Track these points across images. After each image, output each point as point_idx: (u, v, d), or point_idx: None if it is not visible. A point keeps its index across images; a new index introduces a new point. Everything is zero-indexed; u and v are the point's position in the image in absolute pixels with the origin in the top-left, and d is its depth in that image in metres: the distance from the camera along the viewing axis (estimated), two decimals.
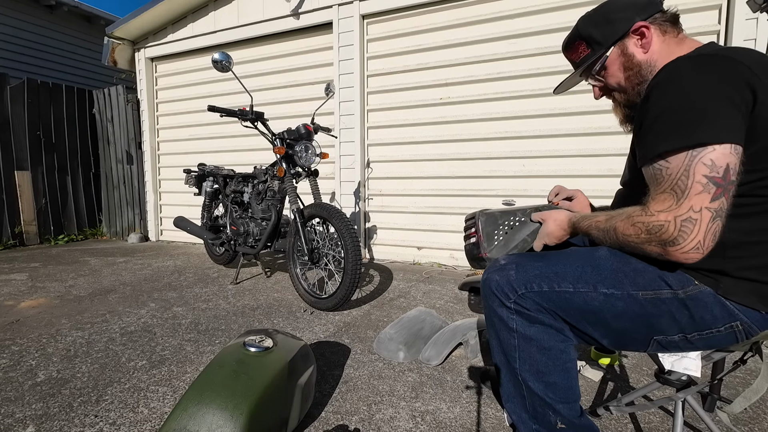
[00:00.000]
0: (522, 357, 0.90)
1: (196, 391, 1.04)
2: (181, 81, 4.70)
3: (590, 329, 0.87)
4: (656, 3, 0.94)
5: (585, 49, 0.99)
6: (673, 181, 0.72)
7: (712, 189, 0.68)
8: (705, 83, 0.72)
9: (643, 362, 1.66)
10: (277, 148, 2.42)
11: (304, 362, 1.26)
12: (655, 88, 0.79)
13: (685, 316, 0.80)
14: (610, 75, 0.98)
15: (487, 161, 3.27)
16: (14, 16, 6.10)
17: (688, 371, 0.87)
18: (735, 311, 0.78)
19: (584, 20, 0.99)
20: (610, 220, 0.84)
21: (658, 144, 0.74)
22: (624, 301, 0.82)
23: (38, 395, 1.41)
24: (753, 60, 0.74)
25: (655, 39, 0.91)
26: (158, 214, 5.00)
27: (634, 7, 0.93)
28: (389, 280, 2.95)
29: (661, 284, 0.81)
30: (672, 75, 0.77)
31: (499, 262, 0.94)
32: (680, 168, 0.71)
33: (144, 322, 2.12)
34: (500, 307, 0.91)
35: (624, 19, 0.92)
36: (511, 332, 0.91)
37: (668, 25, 0.92)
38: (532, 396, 0.90)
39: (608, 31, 0.94)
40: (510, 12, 3.09)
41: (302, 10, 3.75)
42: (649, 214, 0.74)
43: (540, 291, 0.87)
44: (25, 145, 4.61)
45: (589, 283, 0.85)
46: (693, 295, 0.79)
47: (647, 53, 0.92)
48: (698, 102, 0.71)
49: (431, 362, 1.64)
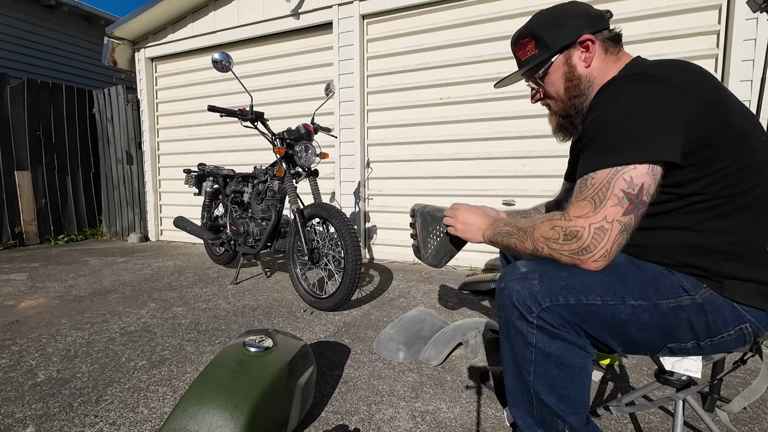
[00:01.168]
0: (537, 372, 0.85)
1: (196, 391, 1.04)
2: (181, 81, 4.70)
3: (610, 340, 0.83)
4: (605, 19, 0.96)
5: (533, 48, 0.99)
6: (595, 190, 0.78)
7: (625, 203, 0.75)
8: (637, 104, 0.78)
9: (643, 362, 1.66)
10: (277, 148, 2.42)
11: (304, 362, 1.26)
12: (594, 106, 0.85)
13: (702, 323, 0.80)
14: (550, 82, 1.00)
15: (487, 161, 3.27)
16: (14, 16, 6.10)
17: (688, 372, 0.87)
18: (743, 312, 0.79)
19: (538, 18, 1.00)
20: (531, 222, 0.87)
21: (592, 161, 0.80)
22: (650, 312, 0.80)
23: (38, 395, 1.41)
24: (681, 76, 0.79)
25: (597, 55, 0.95)
26: (158, 214, 5.00)
27: (585, 17, 0.95)
28: (389, 280, 2.95)
29: (680, 290, 0.80)
30: (609, 95, 0.83)
31: (519, 269, 0.86)
32: (604, 180, 0.77)
33: (144, 322, 2.12)
34: (520, 320, 0.83)
35: (575, 27, 0.94)
36: (528, 346, 0.84)
37: (610, 44, 0.95)
38: (542, 406, 0.87)
39: (558, 35, 0.95)
40: (510, 12, 3.09)
41: (302, 10, 3.76)
42: (567, 219, 0.80)
43: (566, 304, 0.80)
44: (25, 145, 4.61)
45: (617, 295, 0.80)
46: (707, 298, 0.80)
47: (588, 68, 0.95)
48: (629, 122, 0.77)
49: (431, 362, 1.64)
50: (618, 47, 0.96)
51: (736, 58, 2.53)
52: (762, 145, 0.82)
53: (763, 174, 0.79)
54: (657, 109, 0.77)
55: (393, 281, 2.93)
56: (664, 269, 0.83)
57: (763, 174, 0.79)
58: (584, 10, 0.97)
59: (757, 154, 0.80)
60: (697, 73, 0.82)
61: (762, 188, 0.79)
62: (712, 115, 0.77)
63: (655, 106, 0.77)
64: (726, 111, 0.79)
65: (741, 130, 0.79)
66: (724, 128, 0.78)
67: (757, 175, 0.79)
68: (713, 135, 0.77)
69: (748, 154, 0.79)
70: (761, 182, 0.79)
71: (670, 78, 0.79)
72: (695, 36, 2.67)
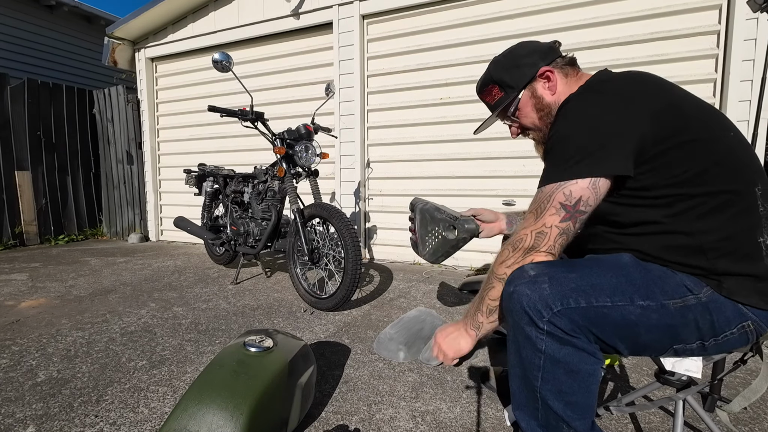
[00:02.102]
0: (545, 378, 0.83)
1: (197, 391, 1.04)
2: (181, 81, 4.70)
3: (619, 343, 0.83)
4: (555, 50, 1.05)
5: (498, 92, 1.07)
6: (539, 203, 0.85)
7: (562, 213, 0.82)
8: (583, 120, 0.85)
9: (643, 362, 1.66)
10: (277, 148, 2.42)
11: (304, 362, 1.26)
12: (555, 119, 0.93)
13: (707, 322, 0.80)
14: (524, 116, 1.07)
15: (487, 161, 3.27)
16: (14, 16, 6.10)
17: (688, 372, 0.87)
18: (744, 310, 0.79)
19: (495, 65, 1.08)
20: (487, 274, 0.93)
21: (543, 176, 0.88)
22: (658, 312, 0.79)
23: (38, 395, 1.41)
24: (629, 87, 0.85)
25: (560, 81, 1.01)
26: (158, 214, 5.00)
27: (538, 53, 1.03)
28: (389, 280, 2.95)
29: (684, 290, 0.81)
30: (563, 112, 0.90)
31: (527, 272, 0.84)
32: (547, 194, 0.84)
33: (144, 322, 2.12)
34: (529, 326, 0.81)
35: (531, 64, 1.02)
36: (537, 353, 0.82)
37: (568, 68, 1.03)
38: (547, 411, 0.85)
39: (517, 75, 1.03)
40: (510, 12, 3.09)
41: (302, 10, 3.76)
42: (514, 234, 0.89)
43: (577, 307, 0.79)
44: (25, 145, 4.61)
45: (626, 296, 0.80)
46: (710, 297, 0.80)
47: (555, 95, 1.01)
48: (574, 139, 0.84)
49: (431, 362, 1.64)
50: (576, 69, 1.04)
51: (736, 58, 2.53)
52: (732, 141, 0.84)
53: (738, 170, 0.82)
54: (602, 123, 0.82)
55: (393, 281, 2.93)
56: (668, 269, 0.84)
57: (738, 170, 0.82)
58: (535, 47, 1.05)
59: (730, 151, 0.82)
60: (648, 82, 0.87)
61: (741, 183, 0.81)
62: (668, 120, 0.81)
63: (601, 121, 0.83)
64: (684, 114, 0.83)
65: (703, 130, 0.82)
66: (682, 131, 0.81)
67: (734, 171, 0.81)
68: (671, 138, 0.80)
69: (717, 151, 0.81)
70: (739, 177, 0.81)
71: (617, 91, 0.85)
72: (695, 36, 2.67)
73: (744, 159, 0.83)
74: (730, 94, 2.57)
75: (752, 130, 1.70)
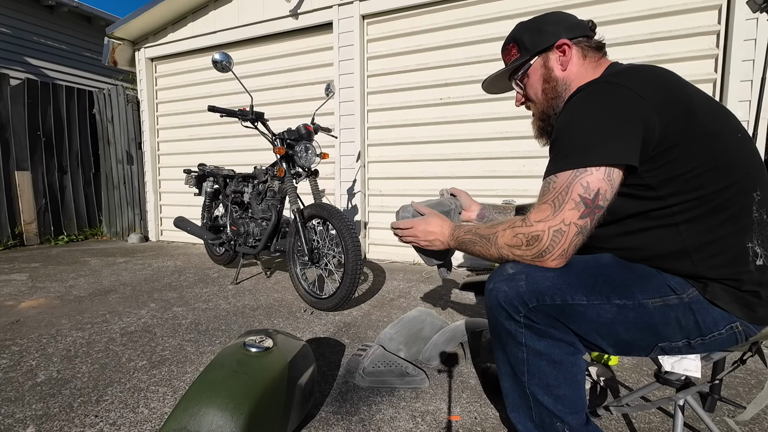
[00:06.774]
0: (531, 371, 0.86)
1: (197, 391, 1.04)
2: (181, 81, 4.70)
3: (599, 340, 0.85)
4: (585, 27, 1.01)
5: (516, 52, 1.06)
6: (556, 194, 0.81)
7: (581, 207, 0.79)
8: (595, 110, 0.82)
9: (643, 362, 1.66)
10: (277, 149, 2.42)
11: (304, 362, 1.26)
12: (564, 109, 0.89)
13: (691, 321, 0.80)
14: (530, 84, 1.06)
15: (487, 161, 3.27)
16: (14, 16, 6.10)
17: (688, 372, 0.87)
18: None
19: (521, 25, 1.07)
20: (493, 228, 0.90)
21: (553, 165, 0.84)
22: (636, 311, 0.81)
23: (38, 395, 1.41)
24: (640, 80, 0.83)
25: (575, 60, 0.99)
26: (158, 214, 5.00)
27: (563, 24, 1.01)
28: (389, 281, 2.95)
29: (667, 290, 0.81)
30: (577, 99, 0.86)
31: (507, 270, 0.87)
32: (564, 184, 0.80)
33: (144, 322, 2.12)
34: (508, 320, 0.86)
35: (552, 32, 1.00)
36: (519, 346, 0.86)
37: (590, 51, 1.00)
38: (539, 408, 0.88)
39: (537, 39, 1.01)
40: (510, 12, 3.10)
41: (302, 11, 3.76)
42: (528, 225, 0.83)
43: (552, 304, 0.82)
44: (25, 145, 4.61)
45: (602, 295, 0.82)
46: (694, 298, 0.80)
47: (565, 71, 0.99)
48: (587, 128, 0.81)
49: (431, 363, 1.64)
50: (599, 54, 1.00)
51: (736, 58, 2.53)
52: (736, 143, 0.83)
53: (736, 172, 0.80)
54: (613, 114, 0.80)
55: (393, 281, 2.93)
56: (653, 270, 0.84)
57: (736, 172, 0.80)
58: (564, 18, 1.02)
59: (730, 153, 0.80)
60: (659, 76, 0.85)
61: (737, 186, 0.79)
62: (675, 116, 0.79)
63: (612, 112, 0.80)
64: (691, 111, 0.81)
65: (710, 129, 0.80)
66: (690, 128, 0.79)
67: (731, 173, 0.79)
68: (678, 135, 0.79)
69: (719, 152, 0.80)
70: (736, 180, 0.79)
71: (627, 83, 0.82)
72: (695, 36, 2.67)
73: (746, 161, 0.82)
74: (729, 94, 2.57)
75: (752, 130, 1.70)
